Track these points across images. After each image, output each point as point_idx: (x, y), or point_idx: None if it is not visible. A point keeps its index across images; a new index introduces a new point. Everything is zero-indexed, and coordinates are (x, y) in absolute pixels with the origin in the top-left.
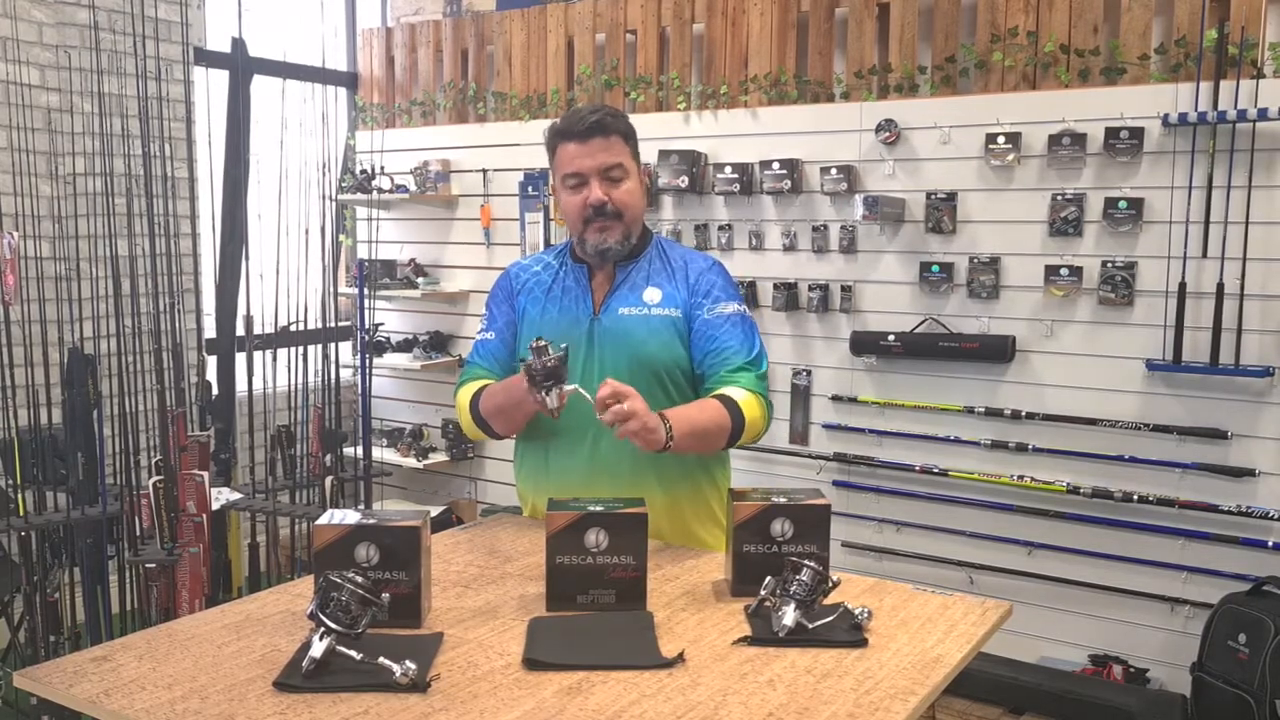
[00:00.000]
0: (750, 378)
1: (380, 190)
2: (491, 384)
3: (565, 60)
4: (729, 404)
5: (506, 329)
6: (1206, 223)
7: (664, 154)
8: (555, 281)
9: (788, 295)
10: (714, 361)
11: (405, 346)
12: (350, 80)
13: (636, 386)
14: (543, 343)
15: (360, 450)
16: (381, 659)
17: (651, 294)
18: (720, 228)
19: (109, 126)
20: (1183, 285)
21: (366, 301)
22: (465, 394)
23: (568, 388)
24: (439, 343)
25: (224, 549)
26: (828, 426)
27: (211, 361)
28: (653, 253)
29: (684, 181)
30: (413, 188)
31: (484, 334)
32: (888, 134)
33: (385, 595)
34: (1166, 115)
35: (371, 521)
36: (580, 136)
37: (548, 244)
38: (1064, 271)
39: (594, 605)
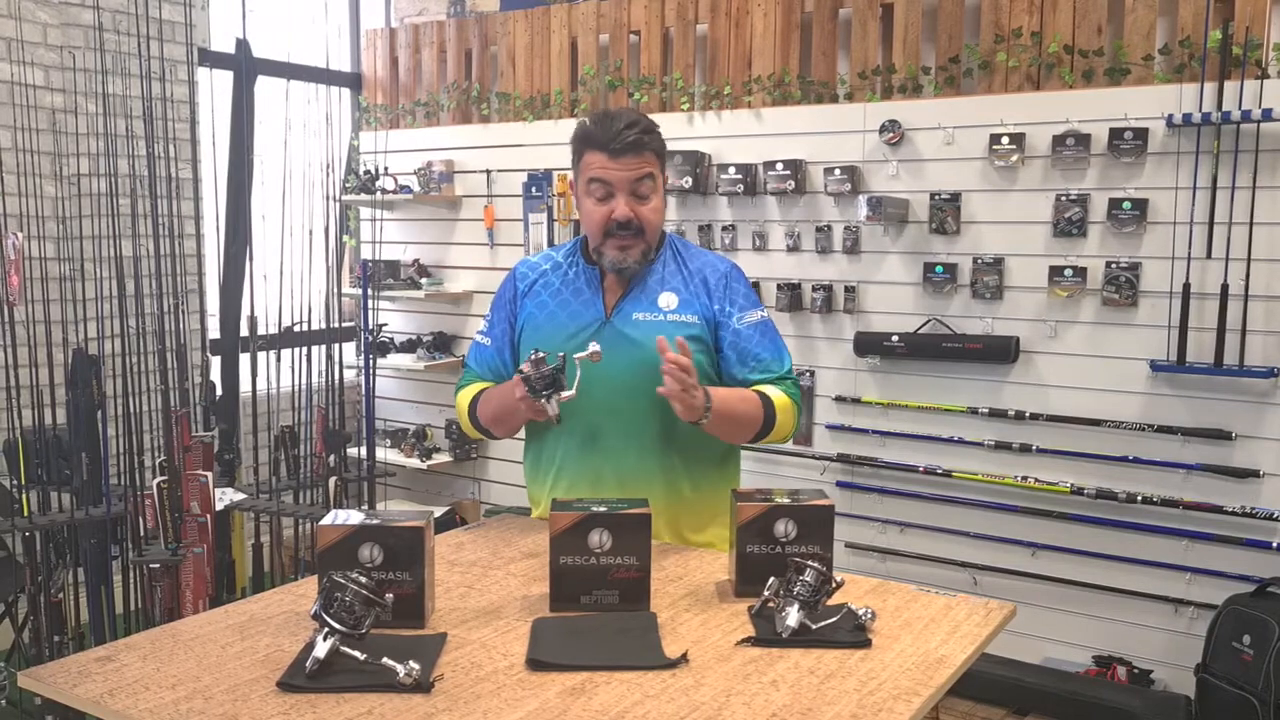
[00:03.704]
0: (789, 385)
1: (384, 191)
2: (488, 389)
3: (569, 61)
4: (765, 401)
5: (502, 337)
6: (1211, 223)
7: (668, 155)
8: (564, 283)
9: (791, 296)
10: (753, 376)
11: (409, 347)
12: (354, 81)
13: (646, 393)
14: (540, 354)
15: (364, 451)
16: (385, 659)
17: (667, 299)
18: (724, 228)
19: (113, 127)
20: (1187, 286)
21: (370, 302)
22: (464, 397)
23: (566, 394)
24: (443, 343)
25: (228, 549)
26: (831, 427)
27: (215, 362)
28: (666, 254)
29: (688, 182)
30: (416, 188)
31: (482, 337)
32: (891, 134)
33: (389, 596)
34: (1170, 116)
35: (375, 522)
36: (614, 154)
37: (551, 245)
38: (1068, 272)
39: (597, 606)
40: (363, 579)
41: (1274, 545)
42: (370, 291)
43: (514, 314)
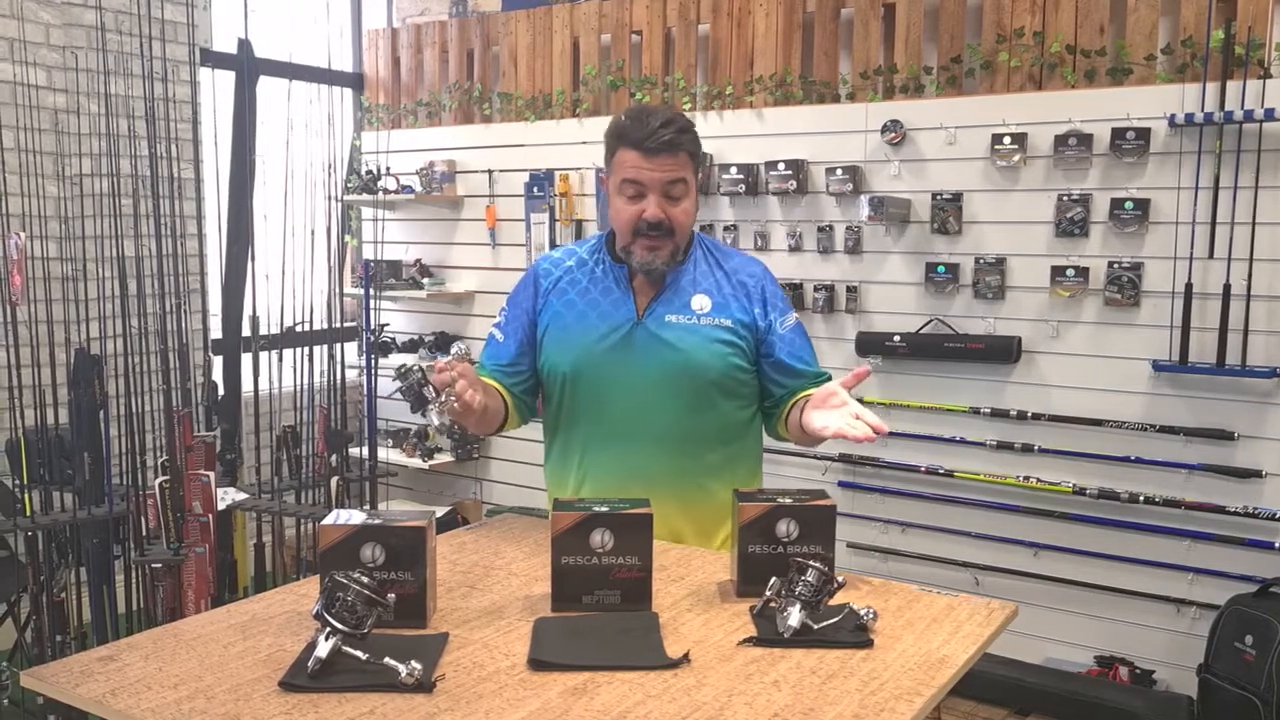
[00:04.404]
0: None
1: (386, 191)
2: None
3: (570, 61)
4: None
5: (514, 334)
6: (1213, 223)
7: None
8: (592, 282)
9: (793, 296)
10: (802, 381)
11: (411, 347)
12: (356, 81)
13: (678, 395)
14: (404, 368)
15: (365, 450)
16: (387, 659)
17: (700, 302)
18: (725, 228)
19: (115, 127)
20: (1189, 286)
21: (372, 302)
22: None
23: (442, 401)
24: (444, 343)
25: (230, 549)
26: None
27: (217, 362)
28: (697, 254)
29: None
30: (418, 188)
31: (498, 332)
32: (893, 134)
33: (390, 595)
34: (1173, 116)
35: (377, 522)
36: (648, 153)
37: (553, 245)
38: (1070, 272)
39: (599, 606)
40: (364, 579)
41: (1276, 545)
42: (372, 291)
43: (534, 311)
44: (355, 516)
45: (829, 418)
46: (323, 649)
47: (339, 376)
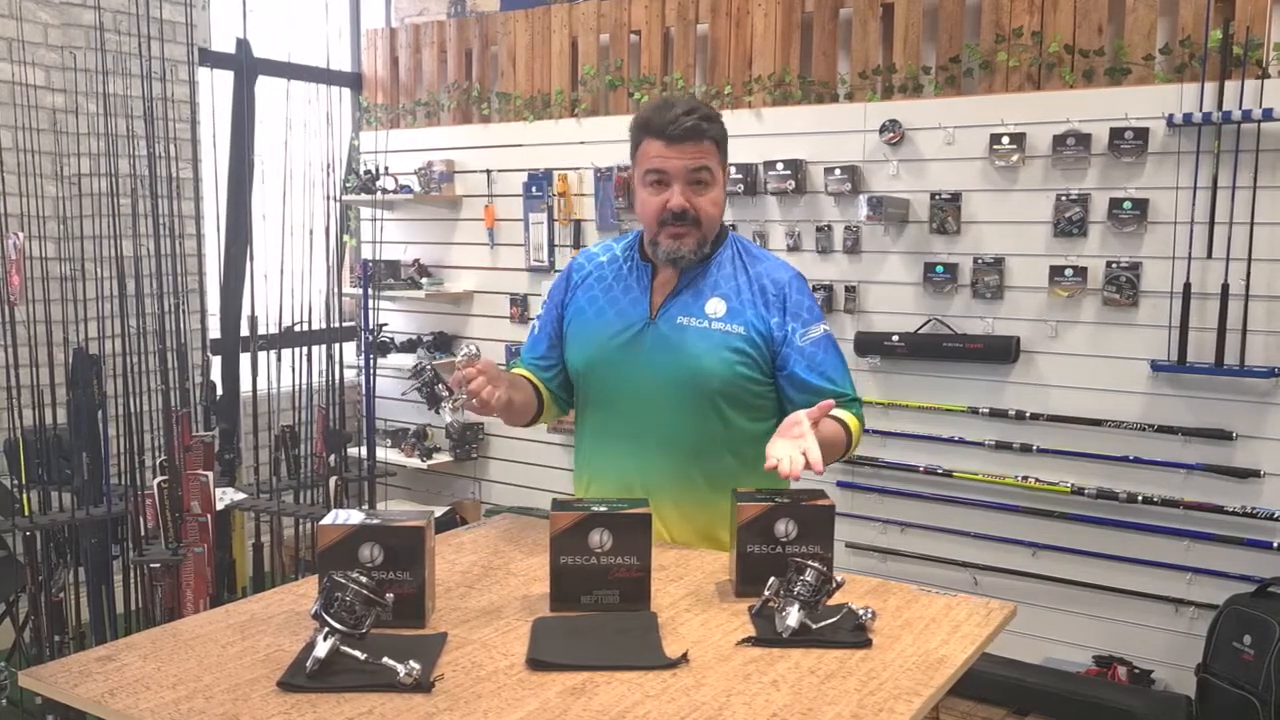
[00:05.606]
0: (858, 408)
1: (384, 191)
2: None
3: (569, 61)
4: (846, 432)
5: (545, 328)
6: (1211, 223)
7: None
8: (616, 278)
9: None
10: (822, 399)
11: (409, 347)
12: (354, 81)
13: (680, 400)
14: (420, 364)
15: (364, 450)
16: (385, 659)
17: (715, 306)
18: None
19: (114, 127)
20: (1187, 286)
21: (370, 302)
22: None
23: (458, 398)
24: (443, 343)
25: (228, 549)
26: None
27: (216, 362)
28: (725, 256)
29: None
30: (417, 188)
31: (536, 324)
32: (892, 134)
33: (389, 595)
34: (1171, 115)
35: (375, 522)
36: (671, 140)
37: (552, 245)
38: (1068, 272)
39: (598, 605)
40: (363, 579)
41: (1274, 545)
42: (371, 291)
43: (563, 305)
44: (354, 516)
45: (778, 447)
46: (321, 649)
47: (337, 376)
